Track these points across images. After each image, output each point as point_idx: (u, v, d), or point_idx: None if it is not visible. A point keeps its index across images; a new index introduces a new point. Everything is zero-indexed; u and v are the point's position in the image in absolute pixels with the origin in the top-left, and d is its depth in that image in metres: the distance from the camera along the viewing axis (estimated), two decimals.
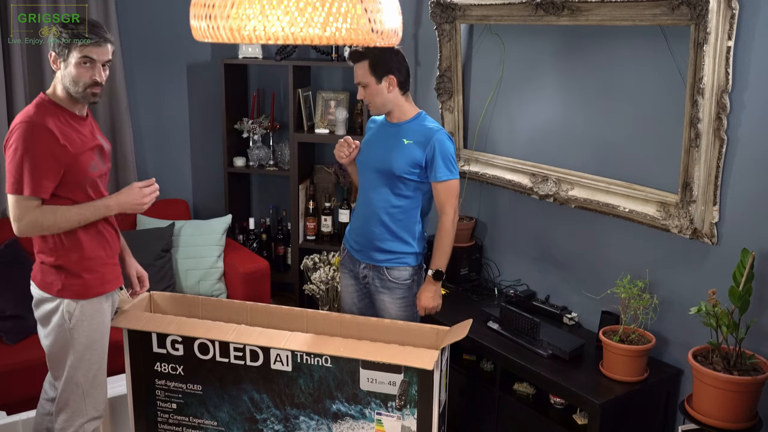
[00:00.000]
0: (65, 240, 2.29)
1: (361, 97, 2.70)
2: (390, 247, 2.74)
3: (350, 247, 2.86)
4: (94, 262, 2.35)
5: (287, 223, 4.23)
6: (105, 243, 2.40)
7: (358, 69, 2.64)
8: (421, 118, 2.73)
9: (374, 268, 2.77)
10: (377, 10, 1.62)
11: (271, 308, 2.72)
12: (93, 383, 2.40)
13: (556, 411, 2.73)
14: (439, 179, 2.65)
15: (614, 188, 2.78)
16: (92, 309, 2.35)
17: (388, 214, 2.71)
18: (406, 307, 2.79)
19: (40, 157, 2.17)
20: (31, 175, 2.17)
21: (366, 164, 2.78)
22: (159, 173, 4.13)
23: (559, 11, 2.75)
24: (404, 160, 2.65)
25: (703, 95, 2.34)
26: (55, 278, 2.31)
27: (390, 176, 2.68)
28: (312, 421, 2.48)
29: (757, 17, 2.25)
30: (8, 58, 3.43)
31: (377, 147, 2.75)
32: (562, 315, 3.02)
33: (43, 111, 2.23)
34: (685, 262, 2.60)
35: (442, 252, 2.71)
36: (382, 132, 2.77)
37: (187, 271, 3.69)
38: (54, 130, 2.20)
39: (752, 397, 2.19)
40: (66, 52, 2.21)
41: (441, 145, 2.63)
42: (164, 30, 3.94)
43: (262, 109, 4.26)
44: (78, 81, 2.23)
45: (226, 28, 1.55)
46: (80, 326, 2.33)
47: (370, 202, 2.75)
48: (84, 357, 2.36)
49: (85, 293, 2.33)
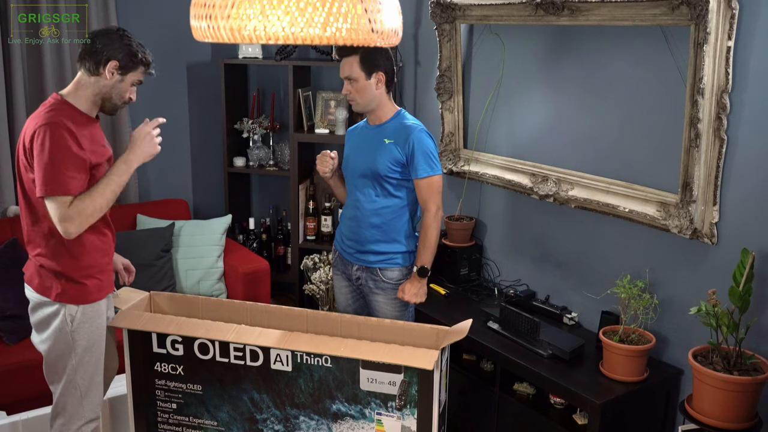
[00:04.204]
0: (69, 246, 2.28)
1: (348, 92, 2.69)
2: (382, 248, 2.75)
3: (342, 250, 2.87)
4: (95, 270, 2.35)
5: (287, 223, 4.23)
6: (107, 248, 2.41)
7: (346, 63, 2.64)
8: (400, 116, 2.75)
9: (367, 269, 2.79)
10: (377, 10, 1.62)
11: (271, 308, 2.72)
12: (90, 385, 2.40)
13: (556, 411, 2.74)
14: (419, 176, 2.67)
15: (614, 188, 2.79)
16: (92, 311, 2.35)
17: (377, 215, 2.73)
18: (401, 307, 2.81)
19: (67, 155, 2.16)
20: (63, 174, 2.15)
21: (353, 170, 2.79)
22: (159, 173, 4.13)
23: (559, 11, 2.75)
24: (386, 160, 2.67)
25: (703, 95, 2.34)
26: (54, 283, 2.29)
27: (375, 177, 2.70)
28: (312, 421, 2.48)
29: (757, 17, 2.25)
30: (8, 58, 3.43)
31: (361, 152, 2.76)
32: (562, 315, 3.02)
33: (60, 113, 2.21)
34: (685, 262, 2.60)
35: (426, 248, 2.72)
36: (365, 136, 2.78)
37: (187, 271, 3.69)
38: (73, 130, 2.19)
39: (752, 397, 2.19)
40: (128, 70, 2.26)
41: (419, 142, 2.65)
42: (164, 30, 3.94)
43: (262, 109, 4.26)
44: (123, 96, 2.31)
45: (226, 28, 1.55)
46: (82, 329, 2.33)
47: (359, 205, 2.76)
48: (84, 359, 2.36)
49: (85, 298, 2.33)
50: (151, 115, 4.02)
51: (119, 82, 2.26)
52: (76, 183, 2.18)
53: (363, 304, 2.91)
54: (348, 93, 2.69)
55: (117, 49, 2.23)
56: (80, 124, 2.23)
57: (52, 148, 2.14)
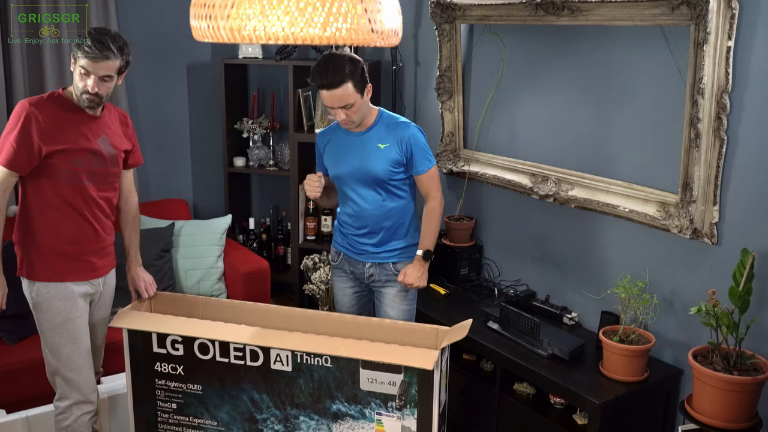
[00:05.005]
0: (26, 219, 2.43)
1: (343, 117, 2.56)
2: (395, 245, 2.76)
3: (348, 251, 2.83)
4: (50, 250, 2.43)
5: (287, 223, 4.23)
6: (79, 238, 2.48)
7: (338, 93, 2.48)
8: (384, 117, 2.71)
9: (380, 265, 2.77)
10: (377, 10, 1.62)
11: (271, 308, 2.72)
12: (69, 368, 2.48)
13: (556, 411, 2.74)
14: (421, 172, 2.69)
15: (614, 188, 2.79)
16: (49, 293, 2.44)
17: (388, 218, 2.72)
18: (411, 300, 2.81)
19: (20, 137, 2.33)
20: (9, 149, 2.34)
21: (348, 178, 2.71)
22: (159, 173, 4.13)
23: (559, 11, 2.75)
24: (386, 165, 2.65)
25: (703, 95, 2.34)
26: (20, 258, 2.45)
27: (378, 182, 2.67)
28: (312, 421, 2.48)
29: (757, 17, 2.25)
30: (8, 58, 3.43)
31: (352, 159, 2.68)
32: (562, 315, 3.02)
33: (45, 101, 2.39)
34: (685, 262, 2.60)
35: (430, 232, 2.73)
36: (349, 143, 2.69)
37: (187, 271, 3.69)
38: (41, 120, 2.34)
39: (752, 397, 2.19)
40: (73, 60, 2.35)
41: (414, 139, 2.66)
42: (164, 30, 3.94)
43: (262, 109, 4.26)
44: (77, 86, 2.38)
45: (226, 28, 1.56)
46: (39, 308, 2.45)
47: (364, 212, 2.72)
48: (53, 341, 2.46)
49: (39, 275, 2.44)
50: (151, 114, 4.05)
51: (74, 73, 2.38)
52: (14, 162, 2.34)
53: (366, 307, 2.90)
54: (344, 119, 2.58)
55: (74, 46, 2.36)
56: (65, 115, 2.40)
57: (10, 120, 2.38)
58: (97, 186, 2.47)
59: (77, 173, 2.41)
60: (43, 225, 2.42)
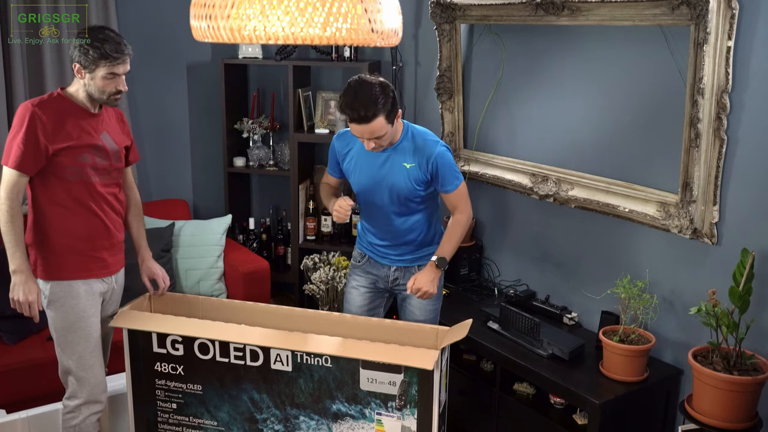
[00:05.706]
0: (38, 219, 2.43)
1: (373, 146, 2.50)
2: (422, 252, 2.73)
3: (374, 255, 2.78)
4: (63, 248, 2.44)
5: (287, 223, 4.23)
6: (90, 233, 2.48)
7: (369, 127, 2.42)
8: (410, 133, 2.62)
9: (405, 269, 2.74)
10: (377, 10, 1.62)
11: (271, 308, 2.72)
12: (81, 366, 2.48)
13: (556, 411, 2.74)
14: (449, 191, 2.62)
15: (614, 188, 2.79)
16: (62, 291, 2.44)
17: (412, 231, 2.69)
18: (435, 301, 2.75)
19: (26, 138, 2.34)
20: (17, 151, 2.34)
21: (371, 191, 2.66)
22: (159, 173, 4.13)
23: (559, 11, 2.75)
24: (411, 182, 2.59)
25: (703, 95, 2.34)
26: (33, 259, 2.45)
27: (401, 200, 2.63)
28: (312, 421, 2.48)
29: (757, 17, 2.26)
30: (8, 58, 3.43)
31: (374, 172, 2.63)
32: (562, 315, 3.02)
33: (47, 101, 2.40)
34: (685, 262, 2.60)
35: (451, 242, 2.64)
36: (374, 156, 2.62)
37: (187, 271, 3.69)
38: (45, 119, 2.35)
39: (752, 397, 2.19)
40: (93, 68, 2.36)
41: (441, 159, 2.57)
42: (164, 30, 3.94)
43: (262, 109, 4.26)
44: (104, 91, 2.40)
45: (226, 28, 1.56)
46: (53, 306, 2.46)
47: (391, 223, 2.69)
48: (66, 339, 2.46)
49: (53, 274, 2.44)
50: (151, 114, 4.05)
51: (91, 80, 2.38)
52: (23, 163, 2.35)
53: (376, 309, 2.84)
54: (373, 147, 2.51)
55: (77, 52, 2.36)
56: (68, 114, 2.40)
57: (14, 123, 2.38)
58: (102, 181, 2.50)
59: (83, 168, 2.43)
60: (54, 223, 2.43)
